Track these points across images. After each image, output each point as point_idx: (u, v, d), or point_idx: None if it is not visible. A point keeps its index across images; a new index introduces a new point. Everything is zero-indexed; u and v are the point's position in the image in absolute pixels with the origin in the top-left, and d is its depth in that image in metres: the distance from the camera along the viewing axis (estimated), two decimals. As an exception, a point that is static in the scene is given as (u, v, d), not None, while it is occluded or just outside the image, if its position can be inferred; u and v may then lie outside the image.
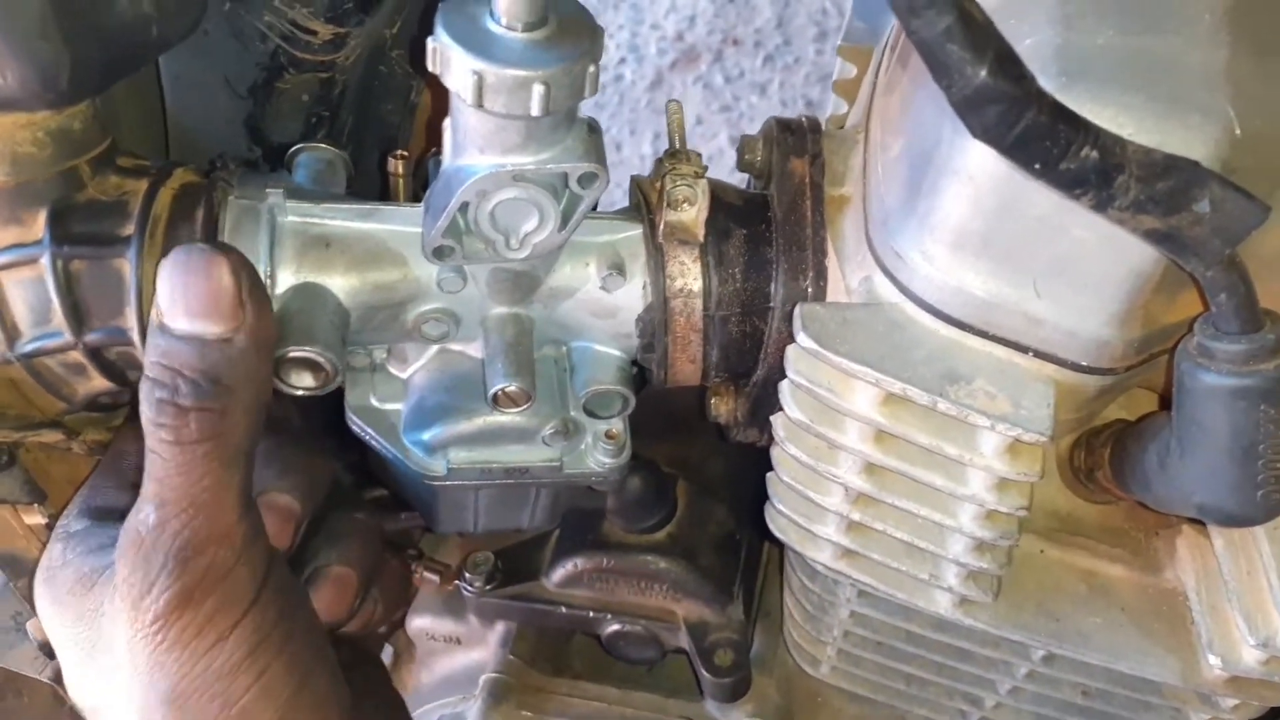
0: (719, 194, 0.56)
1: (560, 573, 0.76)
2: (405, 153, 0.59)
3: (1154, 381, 0.55)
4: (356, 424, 0.60)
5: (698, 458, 0.79)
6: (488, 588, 0.77)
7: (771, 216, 0.56)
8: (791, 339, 0.54)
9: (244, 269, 0.47)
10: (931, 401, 0.47)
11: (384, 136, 0.70)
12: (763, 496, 0.76)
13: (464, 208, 0.50)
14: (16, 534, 0.63)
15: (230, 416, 0.46)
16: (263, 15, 0.56)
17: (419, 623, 0.83)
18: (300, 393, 0.52)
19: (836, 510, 0.55)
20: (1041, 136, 0.36)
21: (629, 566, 0.74)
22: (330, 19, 0.57)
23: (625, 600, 0.76)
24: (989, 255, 0.46)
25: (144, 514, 0.47)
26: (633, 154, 1.85)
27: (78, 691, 0.52)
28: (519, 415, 0.57)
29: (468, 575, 0.77)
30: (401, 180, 0.60)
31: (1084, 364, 0.48)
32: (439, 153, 0.62)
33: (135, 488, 0.49)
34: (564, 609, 0.76)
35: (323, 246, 0.54)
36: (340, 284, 0.54)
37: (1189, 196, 0.38)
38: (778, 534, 0.60)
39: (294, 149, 0.60)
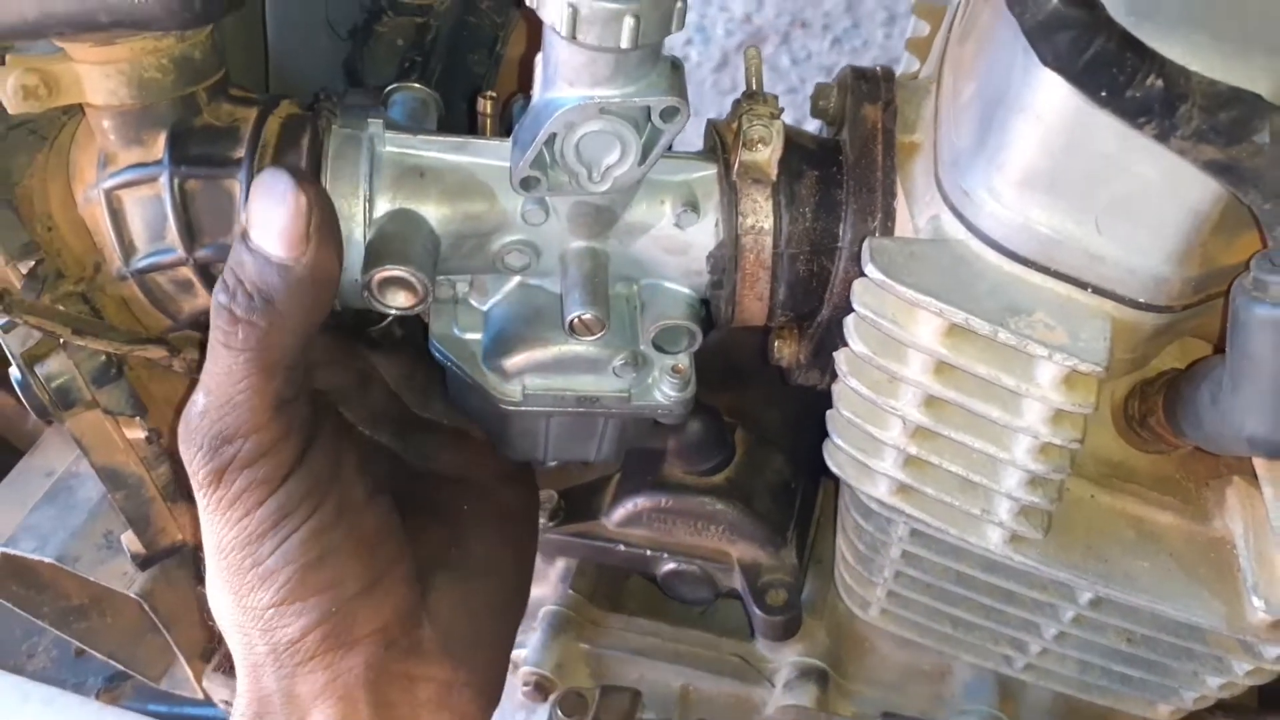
0: (792, 136, 0.58)
1: (621, 512, 0.79)
2: (494, 93, 0.62)
3: (1208, 330, 0.57)
4: (439, 351, 0.63)
5: (756, 408, 0.82)
6: (550, 524, 0.81)
7: (843, 160, 0.58)
8: (857, 278, 0.57)
9: (318, 206, 0.51)
10: (992, 331, 0.49)
11: (469, 85, 0.73)
12: (818, 448, 0.79)
13: (551, 139, 0.53)
14: (117, 448, 0.68)
15: (273, 334, 0.51)
16: (367, -42, 0.60)
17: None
18: (394, 312, 0.56)
19: (894, 444, 0.57)
20: (1109, 64, 0.39)
21: (687, 507, 0.77)
22: (429, -34, 0.60)
23: (682, 540, 0.79)
24: (1054, 192, 0.49)
25: (196, 398, 0.54)
26: (695, 134, 1.87)
27: None
28: (592, 345, 0.60)
29: (531, 512, 0.81)
30: (489, 120, 0.63)
31: (1141, 301, 0.50)
32: (523, 95, 0.66)
33: None
34: (623, 547, 0.79)
35: (417, 176, 0.57)
36: (432, 212, 0.57)
37: (1250, 128, 0.40)
38: (835, 469, 0.62)
39: (390, 88, 0.63)
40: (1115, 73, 0.39)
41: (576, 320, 0.57)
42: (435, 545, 0.62)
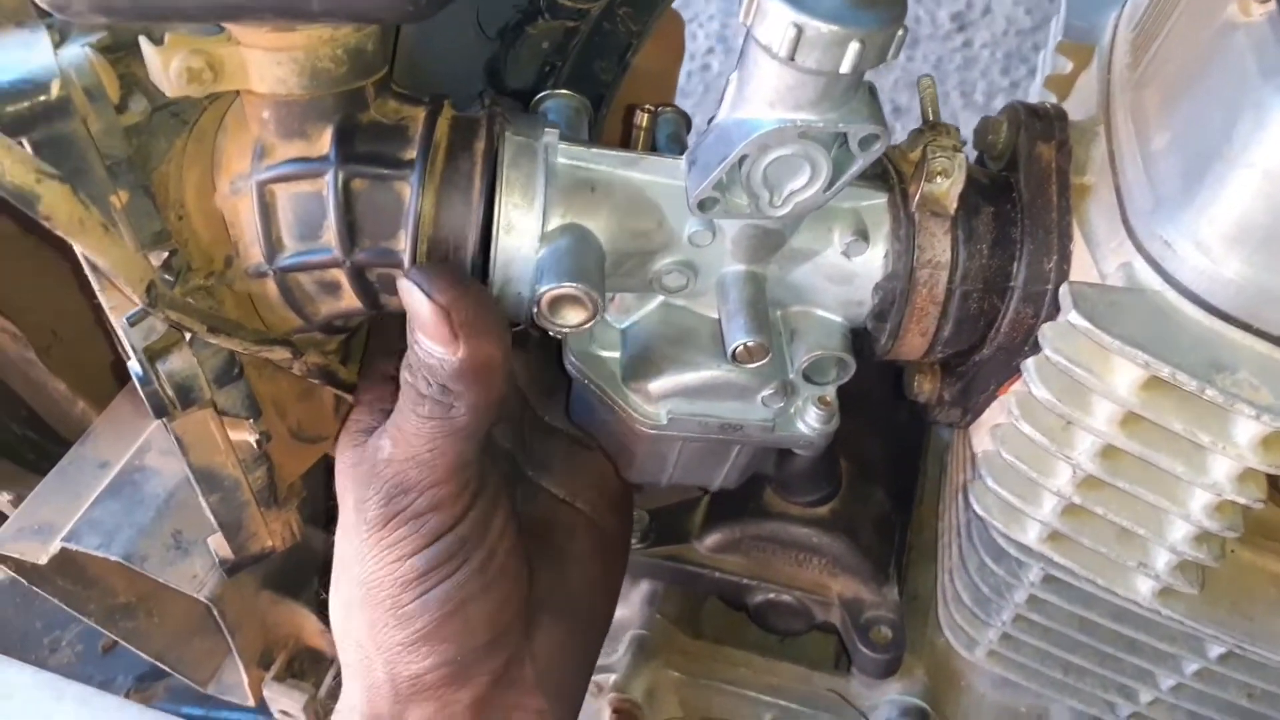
0: (969, 171, 0.57)
1: (715, 537, 0.77)
2: (651, 106, 0.60)
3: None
4: (577, 368, 0.61)
5: (855, 437, 0.80)
6: (640, 545, 0.79)
7: (1017, 198, 0.57)
8: (1030, 320, 0.56)
9: (458, 307, 0.52)
10: (1199, 388, 0.48)
11: (594, 91, 0.70)
12: (910, 480, 0.78)
13: (741, 161, 0.51)
14: (218, 449, 0.64)
15: (456, 409, 0.54)
16: (537, -43, 0.58)
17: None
18: (566, 330, 0.53)
19: (1059, 492, 0.56)
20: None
21: (789, 537, 0.76)
22: (599, -31, 0.58)
23: (780, 571, 0.77)
24: (1269, 249, 0.48)
25: (383, 443, 0.56)
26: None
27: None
28: (746, 372, 0.58)
29: (622, 533, 0.78)
30: (643, 133, 0.61)
31: (1348, 363, 0.49)
32: (672, 109, 0.64)
33: None
34: (717, 573, 0.77)
35: (588, 190, 0.55)
36: (601, 228, 0.55)
37: None
38: (981, 512, 0.61)
39: (542, 94, 0.61)
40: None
41: (741, 348, 0.55)
42: (543, 589, 0.63)
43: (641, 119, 0.61)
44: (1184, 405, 0.50)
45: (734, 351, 0.55)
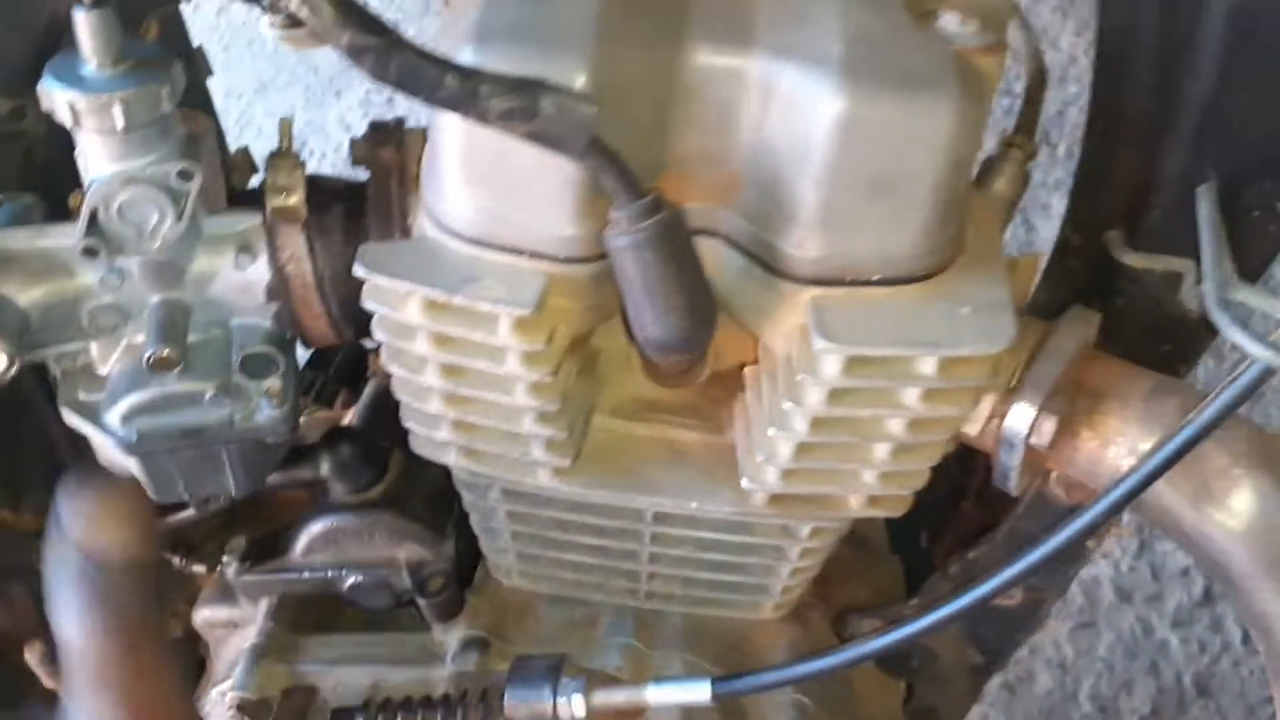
0: (318, 181, 0.72)
1: (302, 542, 0.89)
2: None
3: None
4: (69, 416, 0.73)
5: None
6: (244, 566, 0.90)
7: (368, 194, 0.72)
8: (375, 283, 0.70)
9: None
10: (448, 298, 0.62)
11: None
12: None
13: (95, 212, 0.65)
14: None
15: None
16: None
17: (202, 614, 0.95)
18: (-5, 377, 0.66)
19: (438, 413, 0.70)
20: (414, 74, 0.52)
21: (350, 524, 0.88)
22: (6, 94, 0.73)
23: (358, 555, 0.89)
24: (480, 183, 0.62)
25: None
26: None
27: None
28: (185, 381, 0.71)
29: (225, 559, 0.90)
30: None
31: (563, 256, 0.63)
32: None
33: None
34: (306, 573, 0.89)
35: (3, 262, 0.68)
36: (18, 292, 0.68)
37: (538, 105, 0.54)
38: (418, 451, 0.74)
39: (-2, 198, 0.75)
40: (421, 80, 0.53)
41: (153, 359, 0.68)
42: None
43: (75, 201, 0.75)
44: (458, 316, 0.64)
45: (149, 363, 0.68)
